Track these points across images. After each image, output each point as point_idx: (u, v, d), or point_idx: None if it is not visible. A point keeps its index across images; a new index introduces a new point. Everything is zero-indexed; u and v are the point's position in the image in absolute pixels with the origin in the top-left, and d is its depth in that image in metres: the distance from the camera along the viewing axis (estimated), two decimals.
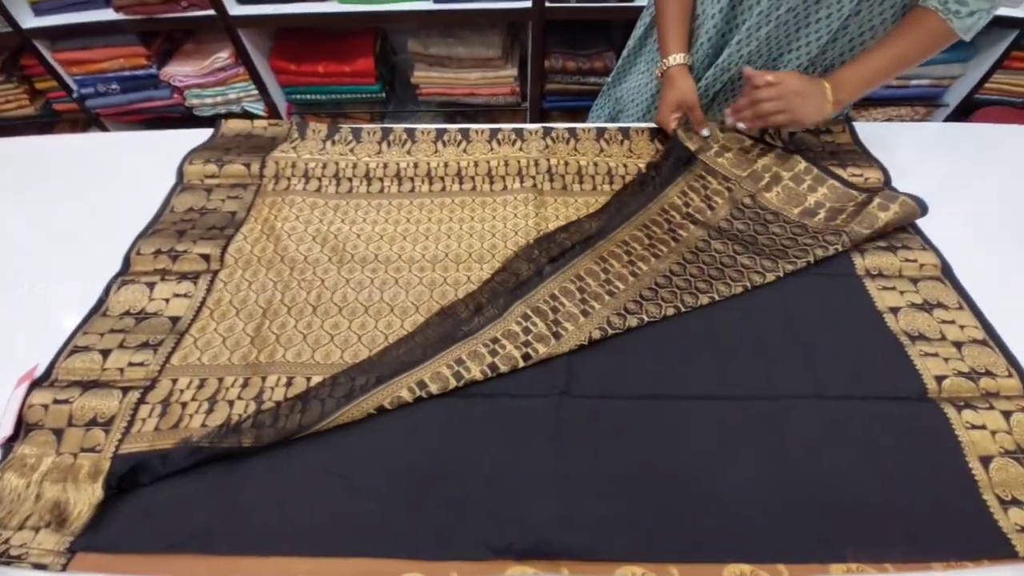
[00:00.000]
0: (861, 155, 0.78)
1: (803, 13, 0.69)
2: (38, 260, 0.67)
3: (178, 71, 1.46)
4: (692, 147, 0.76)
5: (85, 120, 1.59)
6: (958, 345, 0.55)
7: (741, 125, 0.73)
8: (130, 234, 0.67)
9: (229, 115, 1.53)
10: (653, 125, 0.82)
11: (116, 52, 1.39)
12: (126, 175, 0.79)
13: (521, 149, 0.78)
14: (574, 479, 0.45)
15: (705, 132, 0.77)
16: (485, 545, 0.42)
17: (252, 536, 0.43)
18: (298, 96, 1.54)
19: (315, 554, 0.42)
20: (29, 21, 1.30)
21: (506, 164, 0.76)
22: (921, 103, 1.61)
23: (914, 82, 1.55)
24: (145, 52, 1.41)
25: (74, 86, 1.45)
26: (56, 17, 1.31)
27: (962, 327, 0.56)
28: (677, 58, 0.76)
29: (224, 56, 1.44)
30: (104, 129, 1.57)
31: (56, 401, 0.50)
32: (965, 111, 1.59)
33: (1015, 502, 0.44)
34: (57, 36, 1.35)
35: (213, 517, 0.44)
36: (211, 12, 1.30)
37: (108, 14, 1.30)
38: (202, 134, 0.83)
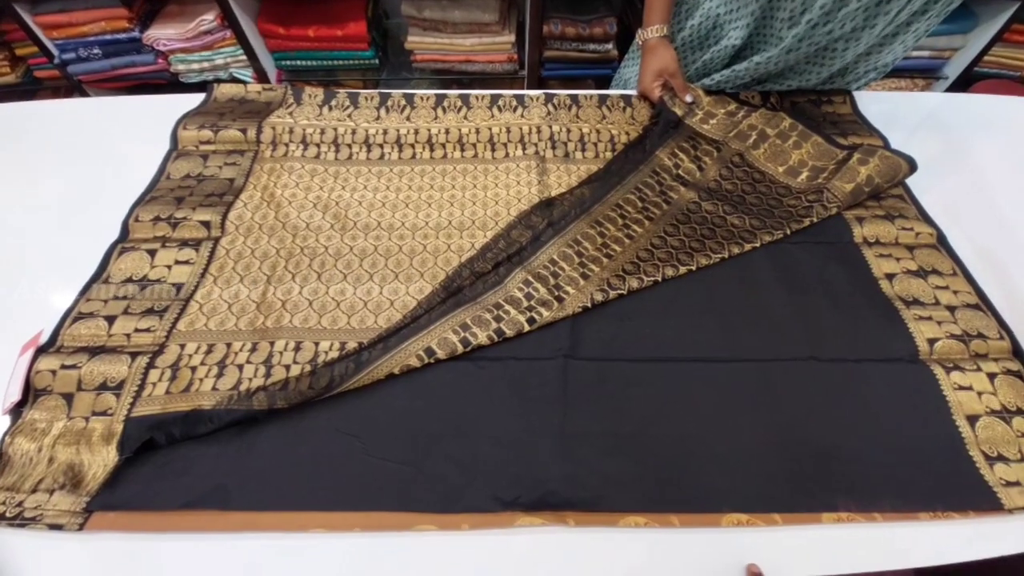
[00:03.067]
0: (861, 125, 0.79)
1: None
2: (32, 228, 0.66)
3: (161, 34, 1.40)
4: (679, 113, 0.76)
5: (67, 87, 1.53)
6: (951, 309, 0.56)
7: None
8: (124, 200, 0.66)
9: (218, 81, 1.49)
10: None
11: (97, 14, 1.33)
12: (116, 141, 0.77)
13: (523, 116, 0.77)
14: (579, 436, 0.47)
15: (689, 98, 0.77)
16: (494, 498, 0.43)
17: (266, 493, 0.44)
18: (288, 62, 1.49)
19: (329, 509, 0.44)
20: None
21: (508, 131, 0.75)
22: (921, 75, 1.60)
23: (915, 54, 1.54)
24: (127, 14, 1.35)
25: (55, 51, 1.39)
26: None
27: (956, 292, 0.58)
28: (661, 29, 0.78)
29: (209, 18, 1.38)
30: (86, 96, 1.52)
31: (64, 367, 0.50)
32: (964, 84, 1.58)
33: (1001, 458, 0.46)
34: None
35: (227, 475, 0.45)
36: None
37: None
38: (192, 99, 0.81)
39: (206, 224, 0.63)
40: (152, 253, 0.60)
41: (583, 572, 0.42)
